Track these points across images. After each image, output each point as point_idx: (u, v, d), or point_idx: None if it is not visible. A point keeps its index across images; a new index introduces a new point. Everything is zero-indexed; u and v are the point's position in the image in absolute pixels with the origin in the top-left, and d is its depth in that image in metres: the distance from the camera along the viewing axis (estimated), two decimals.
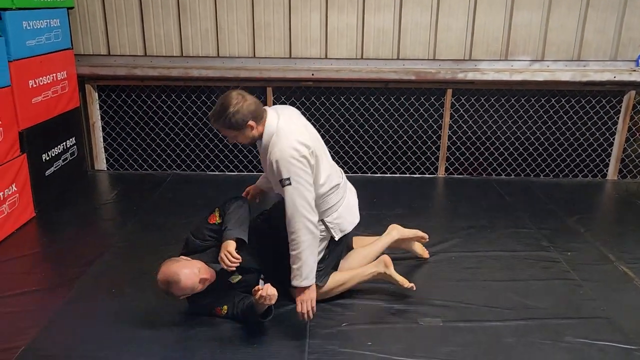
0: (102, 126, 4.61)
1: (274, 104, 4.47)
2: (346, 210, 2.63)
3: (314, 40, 4.34)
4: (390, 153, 4.61)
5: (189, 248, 2.60)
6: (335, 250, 2.65)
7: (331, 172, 2.57)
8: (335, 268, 2.70)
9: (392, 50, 4.35)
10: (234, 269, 2.40)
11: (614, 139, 4.52)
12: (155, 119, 4.57)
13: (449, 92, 4.39)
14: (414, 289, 2.66)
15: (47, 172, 3.90)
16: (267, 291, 2.25)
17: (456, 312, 2.60)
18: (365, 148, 4.60)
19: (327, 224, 2.57)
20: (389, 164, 4.64)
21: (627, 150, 4.54)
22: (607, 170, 4.62)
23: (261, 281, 2.59)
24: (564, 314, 2.59)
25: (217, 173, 4.65)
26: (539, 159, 4.60)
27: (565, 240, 3.36)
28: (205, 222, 2.64)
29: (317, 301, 2.61)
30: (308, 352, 2.30)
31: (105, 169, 4.69)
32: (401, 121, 4.52)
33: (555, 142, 4.55)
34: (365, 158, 4.62)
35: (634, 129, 4.47)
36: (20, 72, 3.52)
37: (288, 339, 2.40)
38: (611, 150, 4.56)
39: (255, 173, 4.64)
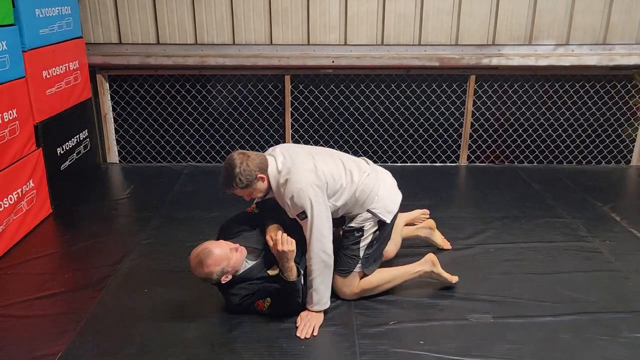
0: (114, 118, 4.45)
1: (292, 93, 4.35)
2: (386, 191, 2.57)
3: (333, 27, 4.20)
4: (410, 142, 4.50)
5: (224, 233, 2.53)
6: (383, 236, 2.58)
7: (352, 168, 2.53)
8: (381, 256, 2.62)
9: (413, 35, 4.22)
10: (286, 250, 2.28)
11: (638, 124, 4.45)
12: (169, 109, 4.42)
13: (472, 78, 4.28)
14: (456, 281, 2.65)
15: (62, 167, 3.75)
16: (283, 243, 2.24)
17: (505, 308, 2.52)
18: (385, 137, 4.49)
19: (373, 210, 2.50)
20: (409, 152, 4.53)
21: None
22: (631, 156, 4.55)
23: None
24: (616, 308, 2.52)
25: None
26: (562, 146, 4.51)
27: (603, 229, 3.29)
28: (243, 213, 2.64)
29: (362, 298, 2.55)
30: (360, 353, 2.21)
31: (118, 161, 4.55)
32: (422, 109, 4.41)
33: (579, 128, 4.47)
34: (385, 147, 4.51)
35: (634, 107, 4.37)
36: (34, 62, 3.36)
37: (337, 339, 2.31)
38: (636, 135, 4.49)
39: None
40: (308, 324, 2.34)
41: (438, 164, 4.53)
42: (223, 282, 2.37)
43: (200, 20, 4.18)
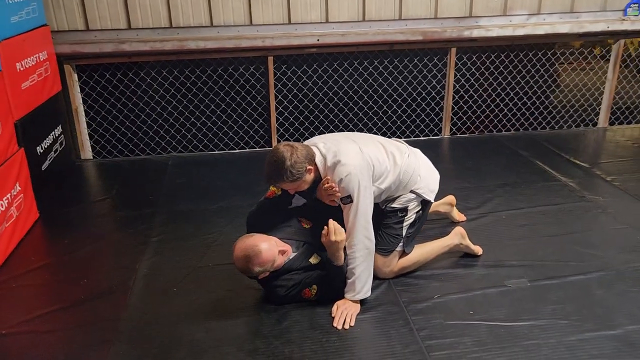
0: (85, 111, 4.17)
1: (275, 74, 4.23)
2: (427, 170, 2.58)
3: (314, 4, 4.11)
4: (395, 117, 4.52)
5: (256, 228, 2.42)
6: (425, 214, 2.60)
7: (392, 150, 2.50)
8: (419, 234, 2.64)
9: (394, 10, 4.21)
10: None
11: (604, 88, 4.69)
12: (146, 98, 4.19)
13: (453, 50, 4.34)
14: (481, 252, 2.74)
15: (44, 167, 3.48)
16: (336, 233, 2.23)
17: (535, 271, 2.60)
18: (370, 114, 4.48)
19: (417, 191, 2.50)
20: (393, 128, 4.56)
21: (616, 97, 4.73)
22: (597, 119, 4.80)
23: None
24: (634, 261, 2.66)
25: (221, 152, 4.37)
26: (536, 112, 4.69)
27: (597, 189, 3.46)
28: (266, 200, 2.52)
29: (400, 275, 2.56)
30: (417, 330, 2.22)
31: (92, 157, 4.27)
32: (405, 84, 4.43)
33: (551, 94, 4.66)
34: (370, 124, 4.50)
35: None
36: (8, 53, 3.07)
37: (389, 318, 2.30)
38: (601, 99, 4.73)
39: (258, 149, 4.41)
40: (345, 312, 2.30)
41: (422, 138, 4.58)
42: (261, 278, 2.31)
43: (174, 1, 3.96)
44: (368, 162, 2.35)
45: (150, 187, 3.69)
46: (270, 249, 2.23)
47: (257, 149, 4.42)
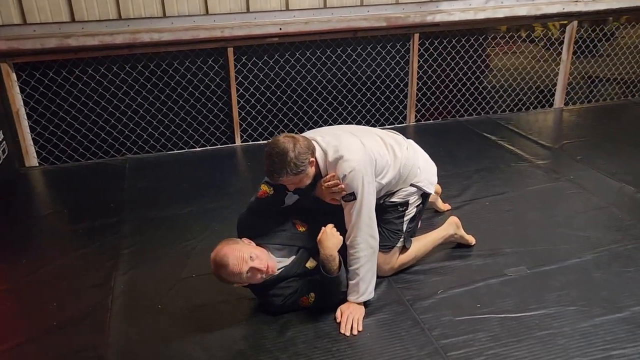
0: (28, 113, 3.78)
1: (235, 66, 4.01)
2: (425, 162, 2.49)
3: None
4: (359, 106, 4.41)
5: (248, 234, 2.24)
6: (423, 208, 2.51)
7: (391, 143, 2.38)
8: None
9: None
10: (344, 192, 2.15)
11: (559, 69, 4.78)
12: (95, 97, 3.85)
13: (416, 36, 4.27)
14: (474, 242, 2.69)
15: None
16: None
17: (531, 258, 2.57)
18: (335, 104, 4.35)
19: (418, 184, 2.40)
20: (359, 117, 4.44)
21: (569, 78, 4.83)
22: (553, 100, 4.89)
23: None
24: (622, 240, 2.68)
25: (181, 151, 4.11)
26: (496, 96, 4.72)
27: (569, 169, 3.50)
28: (257, 200, 2.31)
29: (398, 272, 2.46)
30: (427, 329, 2.12)
31: (38, 164, 3.90)
32: (369, 72, 4.32)
33: (510, 77, 4.69)
34: (335, 115, 4.37)
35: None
36: None
37: (397, 318, 2.19)
38: (556, 80, 4.82)
39: (220, 146, 4.18)
40: (351, 317, 2.16)
41: (387, 126, 4.50)
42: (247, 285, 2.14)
43: None
44: (371, 157, 2.22)
45: (110, 193, 3.40)
46: (238, 264, 2.03)
47: (220, 146, 4.18)
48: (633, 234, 2.73)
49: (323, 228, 2.16)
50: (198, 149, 4.14)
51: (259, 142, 4.23)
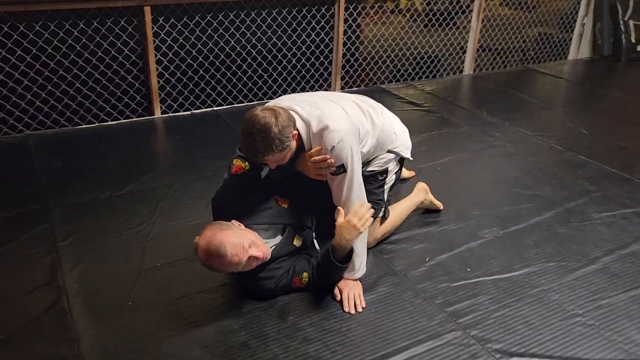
0: None
1: (152, 29, 3.57)
2: (399, 126, 2.38)
3: None
4: (285, 73, 4.20)
5: (226, 213, 1.99)
6: (400, 174, 2.42)
7: (368, 109, 2.22)
8: None
9: None
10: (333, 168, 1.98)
11: (468, 37, 4.96)
12: None
13: (342, 0, 4.14)
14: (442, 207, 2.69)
15: None
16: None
17: (499, 219, 2.61)
18: (260, 71, 4.09)
19: (395, 149, 2.30)
20: (284, 85, 4.24)
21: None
22: (463, 67, 5.08)
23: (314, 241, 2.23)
24: (570, 197, 2.84)
25: (91, 125, 3.60)
26: (414, 62, 4.79)
27: (500, 132, 3.65)
28: (232, 178, 2.07)
29: (379, 243, 2.37)
30: (429, 298, 2.07)
31: None
32: (294, 37, 4.12)
33: (419, 45, 4.78)
34: (260, 82, 4.12)
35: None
36: None
37: (395, 291, 2.11)
38: (466, 48, 5.01)
39: (136, 118, 3.74)
40: (351, 294, 2.04)
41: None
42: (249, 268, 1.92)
43: None
44: (354, 125, 2.06)
45: (20, 176, 2.87)
46: (237, 253, 1.78)
47: (136, 119, 3.74)
48: (577, 190, 2.91)
49: (341, 211, 1.96)
50: (112, 123, 3.66)
51: (181, 114, 3.86)
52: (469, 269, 2.25)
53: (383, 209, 2.32)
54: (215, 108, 3.97)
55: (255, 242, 1.87)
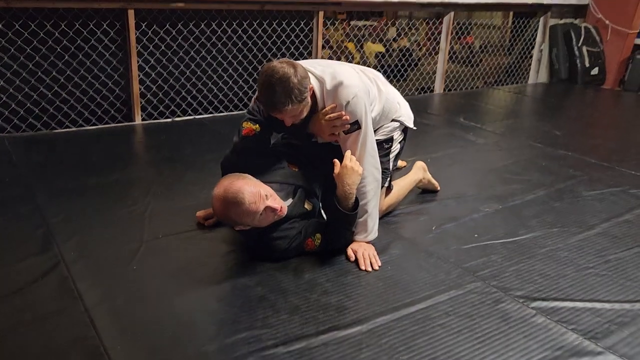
0: None
1: (135, 34, 3.55)
2: (401, 98, 2.40)
3: None
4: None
5: (245, 171, 1.92)
6: (404, 144, 2.42)
7: (374, 76, 2.26)
8: None
9: None
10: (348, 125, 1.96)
11: (437, 58, 5.17)
12: None
13: (321, 14, 4.25)
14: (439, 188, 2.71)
15: None
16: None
17: (495, 197, 2.64)
18: (240, 82, 4.11)
19: (399, 118, 2.31)
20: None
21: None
22: (433, 87, 5.26)
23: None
24: (559, 180, 2.91)
25: (69, 129, 3.47)
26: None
27: (481, 133, 3.76)
28: (243, 139, 2.00)
29: (384, 216, 2.35)
30: (442, 257, 2.04)
31: None
32: (274, 49, 4.18)
33: (387, 56, 4.94)
34: (240, 94, 4.13)
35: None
36: None
37: (408, 253, 2.08)
38: (435, 69, 5.21)
39: (115, 124, 3.64)
40: (366, 253, 2.00)
41: None
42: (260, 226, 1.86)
43: None
44: (365, 85, 2.08)
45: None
46: (255, 202, 1.75)
47: (115, 125, 3.64)
48: (564, 175, 2.99)
49: (337, 162, 1.95)
50: (90, 127, 3.55)
51: (162, 120, 3.79)
52: (476, 235, 2.25)
53: (389, 178, 2.31)
54: (196, 117, 3.93)
55: (272, 195, 1.82)
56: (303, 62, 2.12)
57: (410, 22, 6.27)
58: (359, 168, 1.92)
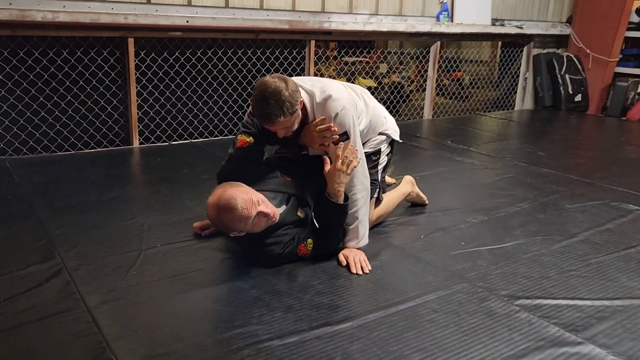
0: None
1: (135, 61, 3.70)
2: (387, 113, 2.52)
3: None
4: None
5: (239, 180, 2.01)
6: (391, 156, 2.53)
7: (361, 92, 2.40)
8: None
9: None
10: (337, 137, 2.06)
11: (426, 85, 5.35)
12: None
13: (313, 42, 4.43)
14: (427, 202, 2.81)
15: None
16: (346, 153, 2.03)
17: (481, 210, 2.74)
18: (235, 107, 4.24)
19: (386, 132, 2.42)
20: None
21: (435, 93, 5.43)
22: (423, 113, 5.42)
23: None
24: (542, 194, 3.02)
25: (68, 152, 3.57)
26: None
27: (468, 155, 3.88)
28: (238, 150, 2.11)
29: (373, 226, 2.44)
30: (430, 262, 2.13)
31: None
32: (272, 70, 4.31)
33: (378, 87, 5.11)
34: (235, 119, 4.26)
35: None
36: None
37: (397, 259, 2.17)
38: (423, 99, 5.38)
39: (113, 148, 3.75)
40: (357, 258, 2.09)
41: None
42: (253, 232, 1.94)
43: None
44: (353, 99, 2.21)
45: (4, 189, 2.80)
46: (247, 207, 1.84)
47: (113, 148, 3.75)
48: (547, 190, 3.11)
49: (327, 160, 2.07)
50: (89, 150, 3.65)
51: (159, 144, 3.90)
52: (463, 243, 2.34)
53: (378, 189, 2.41)
54: (193, 140, 4.05)
55: (264, 201, 1.91)
56: (294, 78, 2.26)
57: (401, 56, 6.52)
58: (347, 168, 2.03)
